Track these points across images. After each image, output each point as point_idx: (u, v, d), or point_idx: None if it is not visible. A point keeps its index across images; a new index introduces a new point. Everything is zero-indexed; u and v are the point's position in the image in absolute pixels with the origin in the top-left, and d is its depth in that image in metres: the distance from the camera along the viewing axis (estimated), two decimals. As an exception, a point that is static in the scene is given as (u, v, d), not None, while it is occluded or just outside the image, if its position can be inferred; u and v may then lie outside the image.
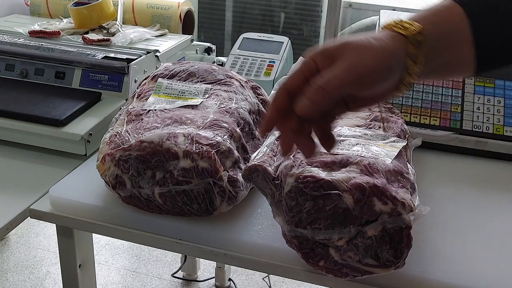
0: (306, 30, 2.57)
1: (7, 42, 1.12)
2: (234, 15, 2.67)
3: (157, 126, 0.75)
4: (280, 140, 0.52)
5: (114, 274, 1.94)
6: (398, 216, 0.58)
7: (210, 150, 0.70)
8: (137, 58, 1.06)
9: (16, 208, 0.78)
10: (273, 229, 0.72)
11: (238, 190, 0.72)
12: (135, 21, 1.34)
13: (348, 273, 0.61)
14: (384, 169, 0.62)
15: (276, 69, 1.16)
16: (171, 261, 2.01)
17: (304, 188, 0.60)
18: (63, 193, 0.77)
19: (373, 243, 0.59)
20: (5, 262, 1.97)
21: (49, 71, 1.05)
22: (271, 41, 1.23)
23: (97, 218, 0.75)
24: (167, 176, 0.71)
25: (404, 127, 0.77)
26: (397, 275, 0.64)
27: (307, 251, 0.62)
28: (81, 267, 0.86)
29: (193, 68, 0.91)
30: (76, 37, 1.18)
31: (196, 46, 1.33)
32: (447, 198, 0.84)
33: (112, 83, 1.03)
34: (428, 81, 1.00)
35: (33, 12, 1.40)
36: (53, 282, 1.88)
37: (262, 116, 0.55)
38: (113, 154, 0.72)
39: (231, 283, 1.89)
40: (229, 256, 0.71)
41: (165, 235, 0.73)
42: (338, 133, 0.70)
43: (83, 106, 0.96)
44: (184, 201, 0.71)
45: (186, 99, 0.84)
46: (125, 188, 0.73)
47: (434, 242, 0.72)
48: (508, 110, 0.96)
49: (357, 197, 0.59)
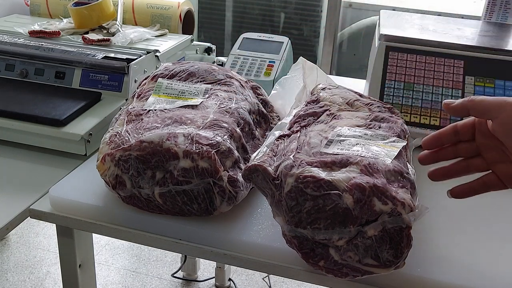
0: (306, 30, 2.57)
1: (7, 42, 1.12)
2: (234, 15, 2.67)
3: (157, 126, 0.75)
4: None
5: (114, 274, 1.94)
6: (398, 216, 0.58)
7: (210, 150, 0.70)
8: (137, 58, 1.06)
9: (16, 208, 0.78)
10: (273, 229, 0.72)
11: (238, 190, 0.72)
12: (135, 21, 1.34)
13: (348, 273, 0.61)
14: (384, 169, 0.62)
15: (276, 69, 1.16)
16: (171, 261, 2.01)
17: (304, 188, 0.60)
18: (63, 193, 0.77)
19: (373, 243, 0.59)
20: (5, 262, 1.97)
21: (49, 71, 1.05)
22: (271, 41, 1.23)
23: (97, 218, 0.75)
24: (167, 176, 0.71)
25: (404, 127, 0.77)
26: (397, 275, 0.64)
27: (307, 251, 0.63)
28: (81, 267, 0.86)
29: (193, 68, 0.91)
30: (76, 37, 1.18)
31: (196, 46, 1.33)
32: (447, 198, 0.83)
33: (112, 83, 1.03)
34: (428, 82, 1.00)
35: (33, 12, 1.40)
36: (53, 282, 1.88)
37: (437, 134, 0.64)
38: (113, 154, 0.72)
39: (231, 283, 1.89)
40: (229, 256, 0.71)
41: (165, 235, 0.73)
42: (338, 133, 0.70)
43: (83, 106, 0.96)
44: (184, 201, 0.71)
45: (186, 99, 0.84)
46: (125, 188, 0.73)
47: (434, 242, 0.72)
48: (508, 110, 0.96)
49: (357, 197, 0.59)
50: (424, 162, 0.65)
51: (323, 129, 0.72)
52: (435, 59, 1.02)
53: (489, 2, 1.33)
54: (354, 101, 0.81)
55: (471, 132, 0.62)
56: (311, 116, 0.77)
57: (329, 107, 0.79)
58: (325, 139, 0.69)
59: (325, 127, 0.73)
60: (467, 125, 0.62)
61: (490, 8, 1.33)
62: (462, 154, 0.63)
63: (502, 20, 1.33)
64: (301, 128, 0.74)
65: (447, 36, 1.08)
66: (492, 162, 0.62)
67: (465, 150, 0.63)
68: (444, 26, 1.17)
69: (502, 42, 1.13)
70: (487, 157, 0.62)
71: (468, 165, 0.63)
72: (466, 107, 0.60)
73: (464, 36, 1.10)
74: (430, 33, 1.10)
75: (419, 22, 1.19)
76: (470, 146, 0.62)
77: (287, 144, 0.70)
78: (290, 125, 0.76)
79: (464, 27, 1.18)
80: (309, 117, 0.77)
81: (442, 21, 1.23)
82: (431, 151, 0.64)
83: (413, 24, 1.17)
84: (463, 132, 0.62)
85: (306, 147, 0.68)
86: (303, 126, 0.75)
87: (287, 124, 0.76)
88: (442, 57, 1.02)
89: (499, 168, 0.61)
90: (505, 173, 0.61)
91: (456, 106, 0.60)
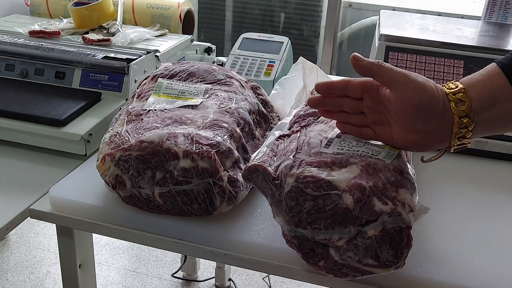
0: (306, 30, 2.57)
1: (7, 42, 1.12)
2: (234, 15, 2.67)
3: (157, 126, 0.75)
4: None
5: (114, 274, 1.94)
6: (398, 216, 0.58)
7: (210, 150, 0.70)
8: (137, 58, 1.06)
9: (16, 208, 0.78)
10: (273, 229, 0.72)
11: (238, 190, 0.72)
12: (135, 21, 1.34)
13: (348, 273, 0.61)
14: (384, 169, 0.62)
15: (276, 69, 1.16)
16: (171, 261, 2.01)
17: (304, 188, 0.60)
18: (63, 193, 0.77)
19: (373, 243, 0.59)
20: (5, 262, 1.97)
21: (49, 71, 1.05)
22: (271, 41, 1.23)
23: (97, 218, 0.75)
24: (167, 176, 0.71)
25: (404, 127, 0.77)
26: (397, 275, 0.64)
27: (307, 251, 0.62)
28: (81, 267, 0.86)
29: (193, 68, 0.91)
30: (76, 37, 1.18)
31: (196, 46, 1.33)
32: (447, 198, 0.84)
33: (112, 83, 1.03)
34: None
35: (33, 12, 1.40)
36: (53, 282, 1.88)
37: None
38: (113, 154, 0.72)
39: (231, 283, 1.89)
40: (229, 256, 0.71)
41: (165, 235, 0.73)
42: (338, 133, 0.70)
43: (83, 106, 0.96)
44: (184, 201, 0.71)
45: (186, 99, 0.84)
46: (125, 188, 0.73)
47: (434, 242, 0.72)
48: (508, 110, 0.96)
49: (357, 197, 0.59)
50: (311, 104, 0.69)
51: (323, 129, 0.72)
52: (435, 59, 1.02)
53: (489, 2, 1.33)
54: (354, 101, 0.81)
55: (360, 92, 0.65)
56: (311, 116, 0.77)
57: (329, 107, 0.79)
58: (325, 139, 0.69)
59: (325, 127, 0.73)
60: (358, 85, 0.65)
61: (490, 8, 1.33)
62: (346, 108, 0.67)
63: (502, 20, 1.33)
64: (301, 128, 0.74)
65: (447, 36, 1.08)
66: (372, 123, 0.66)
67: (350, 105, 0.67)
68: (444, 26, 1.17)
69: (502, 42, 1.13)
70: (369, 117, 0.66)
71: (348, 118, 0.68)
72: (372, 71, 0.62)
73: (464, 36, 1.10)
74: (430, 33, 1.10)
75: (419, 22, 1.19)
76: (355, 104, 0.66)
77: (287, 144, 0.70)
78: (290, 125, 0.76)
79: (464, 27, 1.18)
80: (309, 117, 0.77)
81: (442, 21, 1.23)
82: (320, 96, 0.68)
83: (413, 24, 1.17)
84: (353, 89, 0.66)
85: (306, 147, 0.68)
86: (303, 126, 0.75)
87: (287, 124, 0.76)
88: (442, 57, 1.02)
89: (377, 129, 0.66)
90: (382, 134, 0.66)
91: (363, 65, 0.63)
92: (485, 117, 0.61)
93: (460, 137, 0.62)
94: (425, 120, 0.61)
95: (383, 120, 0.65)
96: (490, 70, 0.62)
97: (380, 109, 0.65)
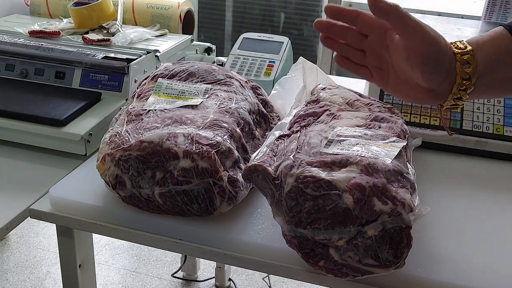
0: (306, 30, 2.57)
1: (7, 42, 1.12)
2: (234, 15, 2.67)
3: (157, 126, 0.75)
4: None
5: (114, 274, 1.94)
6: (398, 216, 0.58)
7: (210, 150, 0.70)
8: (137, 58, 1.06)
9: (16, 208, 0.78)
10: (273, 229, 0.72)
11: (238, 190, 0.72)
12: (135, 21, 1.34)
13: (348, 273, 0.61)
14: (384, 169, 0.62)
15: (276, 69, 1.16)
16: (171, 261, 2.01)
17: (304, 188, 0.60)
18: (63, 193, 0.77)
19: (373, 243, 0.59)
20: (5, 262, 1.97)
21: (49, 71, 1.05)
22: (271, 41, 1.23)
23: (97, 218, 0.75)
24: (167, 176, 0.71)
25: (404, 127, 0.77)
26: (397, 275, 0.64)
27: (307, 251, 0.62)
28: (81, 267, 0.86)
29: (193, 68, 0.91)
30: (76, 37, 1.18)
31: (196, 46, 1.33)
32: (447, 198, 0.84)
33: (112, 83, 1.03)
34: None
35: (33, 12, 1.40)
36: (53, 282, 1.88)
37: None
38: (113, 154, 0.72)
39: (231, 283, 1.89)
40: (229, 256, 0.71)
41: (165, 235, 0.73)
42: (338, 133, 0.70)
43: (83, 106, 0.96)
44: (184, 201, 0.71)
45: (186, 99, 0.84)
46: (125, 188, 0.73)
47: (434, 242, 0.72)
48: (508, 110, 0.96)
49: (357, 197, 0.59)
50: (317, 25, 0.65)
51: (323, 129, 0.72)
52: (435, 59, 1.01)
53: (489, 2, 1.33)
54: (354, 101, 0.81)
55: (368, 28, 0.62)
56: (311, 116, 0.77)
57: (329, 107, 0.79)
58: (325, 139, 0.69)
59: (325, 127, 0.73)
60: (369, 20, 0.62)
61: (490, 8, 1.33)
62: (349, 40, 0.64)
63: (502, 20, 1.33)
64: (301, 128, 0.74)
65: (447, 36, 1.08)
66: (371, 65, 0.64)
67: (353, 39, 0.64)
68: (444, 26, 1.17)
69: (502, 42, 1.13)
70: (369, 58, 0.64)
71: (348, 52, 0.65)
72: (388, 12, 0.58)
73: (464, 36, 1.10)
74: (430, 33, 1.09)
75: (419, 22, 1.19)
76: (359, 39, 0.63)
77: (287, 144, 0.70)
78: (290, 125, 0.76)
79: (464, 27, 1.18)
80: (309, 117, 0.77)
81: (442, 21, 1.23)
82: (327, 20, 0.64)
83: (413, 24, 1.17)
84: (362, 22, 0.62)
85: (306, 147, 0.68)
86: (303, 126, 0.75)
87: (287, 124, 0.76)
88: (442, 57, 1.01)
89: (375, 71, 0.64)
90: (378, 78, 0.64)
91: (381, 6, 0.59)
92: (487, 81, 0.59)
93: (457, 98, 0.60)
94: (429, 75, 0.58)
95: (382, 65, 0.63)
96: (498, 32, 0.60)
97: (383, 53, 0.63)
